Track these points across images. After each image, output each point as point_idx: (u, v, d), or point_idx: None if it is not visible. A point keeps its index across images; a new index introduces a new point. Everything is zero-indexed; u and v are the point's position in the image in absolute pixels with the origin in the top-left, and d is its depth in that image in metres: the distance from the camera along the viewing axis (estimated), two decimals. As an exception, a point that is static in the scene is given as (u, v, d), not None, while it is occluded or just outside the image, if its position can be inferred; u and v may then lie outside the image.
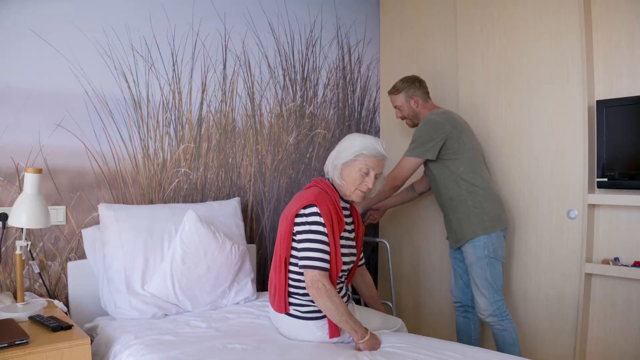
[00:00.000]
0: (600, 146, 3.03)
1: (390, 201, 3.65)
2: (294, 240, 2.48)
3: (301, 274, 2.45)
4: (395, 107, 3.44)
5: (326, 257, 2.39)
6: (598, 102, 3.03)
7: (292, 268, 2.49)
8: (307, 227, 2.42)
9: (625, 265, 2.98)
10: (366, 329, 2.37)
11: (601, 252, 3.14)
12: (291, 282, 2.50)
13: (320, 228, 2.41)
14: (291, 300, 2.49)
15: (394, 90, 3.39)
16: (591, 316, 3.17)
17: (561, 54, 3.17)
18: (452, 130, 3.12)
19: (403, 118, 3.44)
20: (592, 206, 3.12)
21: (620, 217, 3.08)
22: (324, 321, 2.46)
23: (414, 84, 3.36)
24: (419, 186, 3.65)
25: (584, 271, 3.08)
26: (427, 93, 3.39)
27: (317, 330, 2.46)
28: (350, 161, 2.52)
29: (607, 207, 3.12)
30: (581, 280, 3.10)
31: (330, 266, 2.42)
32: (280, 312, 2.49)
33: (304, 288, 2.46)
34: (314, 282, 2.35)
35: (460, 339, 3.41)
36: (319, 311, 2.45)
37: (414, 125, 3.40)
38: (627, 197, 2.94)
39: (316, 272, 2.36)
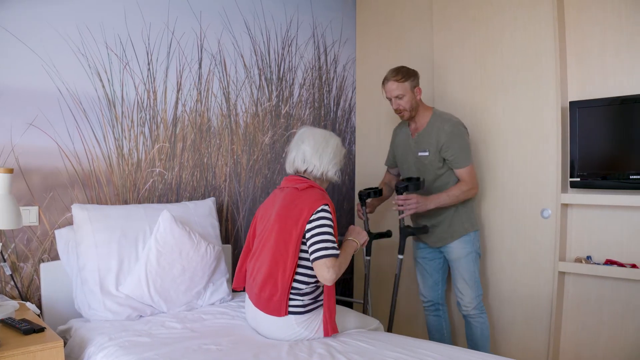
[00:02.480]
0: (573, 147, 3.07)
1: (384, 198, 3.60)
2: (303, 242, 2.50)
3: (304, 274, 2.49)
4: (395, 97, 3.13)
5: (336, 246, 2.46)
6: (571, 103, 3.08)
7: (298, 270, 2.50)
8: (319, 222, 2.46)
9: (597, 264, 3.04)
10: (348, 241, 2.64)
11: (574, 251, 3.19)
12: (294, 284, 2.49)
13: (330, 223, 2.48)
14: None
15: (400, 78, 3.09)
16: (564, 313, 3.22)
17: (535, 55, 3.21)
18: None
19: (401, 110, 3.16)
20: (565, 206, 3.17)
21: (593, 217, 3.13)
22: (306, 317, 2.49)
23: (416, 75, 3.17)
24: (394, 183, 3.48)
25: (558, 269, 3.13)
26: None
27: (296, 326, 2.47)
28: (340, 161, 2.75)
29: (580, 206, 3.16)
30: (554, 278, 3.14)
31: None
32: (280, 315, 2.46)
33: (302, 288, 2.49)
34: (332, 267, 2.39)
35: (433, 338, 3.43)
36: (302, 306, 2.48)
37: (409, 117, 3.20)
38: (599, 196, 3.00)
39: (332, 258, 2.41)
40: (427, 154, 3.16)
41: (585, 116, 3.03)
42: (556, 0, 3.11)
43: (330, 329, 2.48)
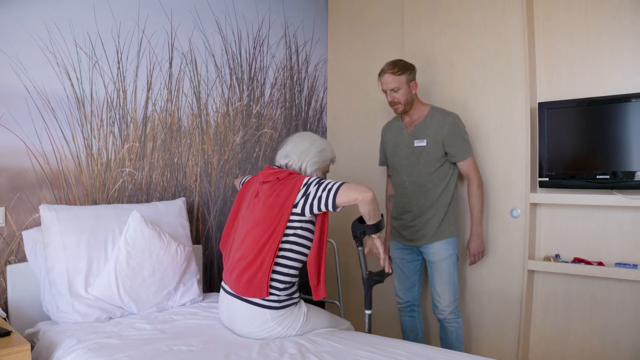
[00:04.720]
0: (542, 147, 3.12)
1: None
2: (289, 226, 2.50)
3: (284, 265, 2.50)
4: (390, 90, 3.11)
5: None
6: (540, 104, 3.13)
7: (279, 253, 2.50)
8: (314, 183, 2.49)
9: (566, 262, 3.10)
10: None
11: (543, 249, 3.25)
12: (273, 276, 2.49)
13: (324, 179, 2.54)
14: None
15: (397, 70, 3.08)
16: (534, 311, 3.28)
17: (505, 56, 3.26)
18: None
19: (395, 103, 3.14)
20: (534, 205, 3.22)
21: (561, 216, 3.20)
22: (281, 312, 2.49)
23: (413, 69, 3.16)
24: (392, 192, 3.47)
25: (527, 268, 3.18)
26: None
27: (271, 321, 2.47)
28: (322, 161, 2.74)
29: (549, 205, 3.22)
30: (524, 276, 3.19)
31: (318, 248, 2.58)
32: (261, 295, 2.44)
33: (281, 280, 2.50)
34: (355, 185, 2.47)
35: (407, 339, 3.42)
36: (278, 301, 2.48)
37: (403, 111, 3.18)
38: (568, 196, 3.06)
39: (347, 183, 2.47)
40: (424, 144, 3.14)
41: (554, 117, 3.07)
42: (525, 3, 3.16)
43: (321, 292, 2.56)
